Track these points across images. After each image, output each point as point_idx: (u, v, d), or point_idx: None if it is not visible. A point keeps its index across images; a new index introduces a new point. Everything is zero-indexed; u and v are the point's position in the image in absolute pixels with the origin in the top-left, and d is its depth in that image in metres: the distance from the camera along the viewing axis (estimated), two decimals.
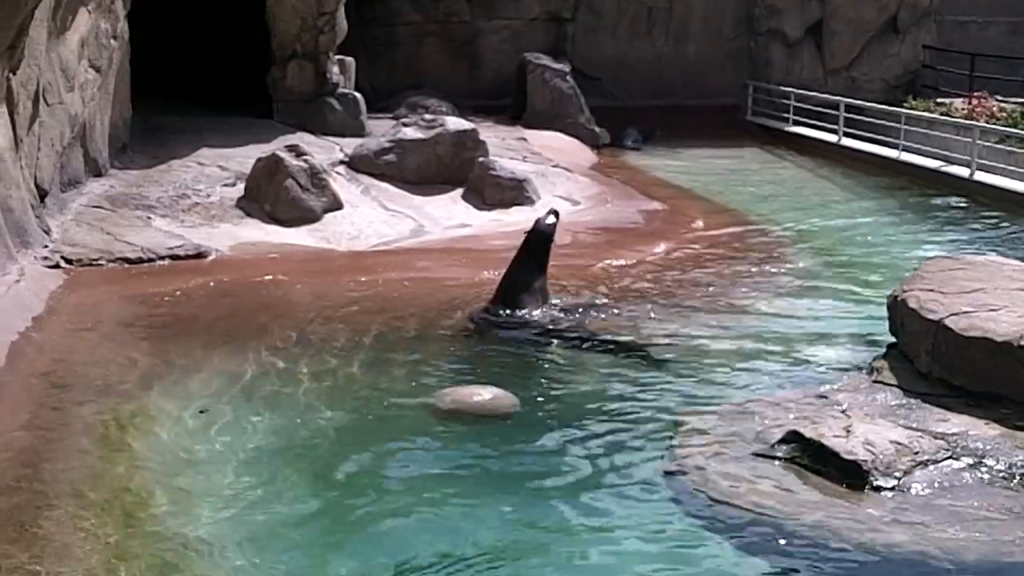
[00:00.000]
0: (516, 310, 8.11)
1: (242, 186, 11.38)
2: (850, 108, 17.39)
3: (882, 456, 5.28)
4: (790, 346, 7.61)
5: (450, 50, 19.32)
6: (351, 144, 13.45)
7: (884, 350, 6.92)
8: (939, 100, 18.03)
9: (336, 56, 15.18)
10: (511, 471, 5.56)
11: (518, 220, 11.52)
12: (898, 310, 6.74)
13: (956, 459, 5.41)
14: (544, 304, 8.28)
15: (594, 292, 8.94)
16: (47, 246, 9.09)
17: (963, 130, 15.21)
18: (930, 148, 15.56)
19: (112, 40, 11.48)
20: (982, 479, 5.28)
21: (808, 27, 20.44)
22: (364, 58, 16.57)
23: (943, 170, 14.97)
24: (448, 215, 12.01)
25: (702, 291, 9.08)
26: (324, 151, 12.97)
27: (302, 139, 13.03)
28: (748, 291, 9.15)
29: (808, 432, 5.53)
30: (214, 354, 7.15)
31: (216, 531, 4.85)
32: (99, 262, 9.21)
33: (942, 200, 13.98)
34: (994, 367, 5.97)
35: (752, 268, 10.05)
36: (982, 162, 14.28)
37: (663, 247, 10.89)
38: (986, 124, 15.30)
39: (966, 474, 5.31)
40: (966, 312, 6.28)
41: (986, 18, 21.88)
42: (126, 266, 9.31)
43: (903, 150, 15.81)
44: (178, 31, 16.04)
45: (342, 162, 12.85)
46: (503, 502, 5.20)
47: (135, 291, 8.59)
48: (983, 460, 5.41)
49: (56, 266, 8.87)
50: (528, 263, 8.38)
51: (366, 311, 8.26)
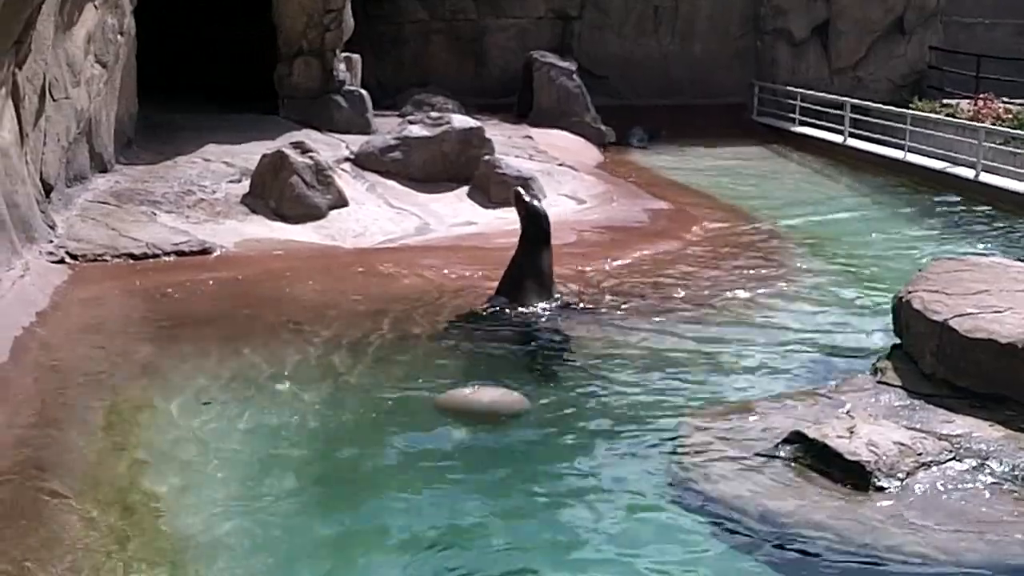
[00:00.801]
0: (522, 298, 8.09)
1: (247, 183, 11.39)
2: (856, 108, 17.37)
3: (886, 457, 5.27)
4: (794, 346, 7.61)
5: (456, 48, 19.33)
6: (357, 141, 13.46)
7: (888, 351, 6.91)
8: (945, 101, 18.02)
9: (342, 53, 15.20)
10: (515, 471, 5.54)
11: None
12: (903, 311, 6.73)
13: (960, 461, 5.40)
14: (548, 293, 8.27)
15: (599, 291, 8.93)
16: (52, 241, 9.11)
17: (968, 131, 15.19)
18: (935, 149, 15.54)
19: (119, 35, 11.49)
20: (986, 481, 5.27)
21: (814, 27, 20.43)
22: (371, 55, 16.61)
23: (948, 171, 14.95)
24: (453, 213, 12.01)
25: (707, 290, 9.07)
26: (330, 148, 12.98)
27: (308, 136, 13.04)
28: (753, 291, 9.14)
29: (811, 433, 5.52)
30: (218, 350, 7.16)
31: (218, 525, 4.86)
32: (104, 258, 9.22)
33: (947, 201, 13.96)
34: (998, 368, 5.96)
35: (757, 268, 10.04)
36: (987, 163, 14.26)
37: (668, 246, 10.89)
38: (991, 125, 15.28)
39: (970, 476, 5.30)
40: (971, 313, 6.27)
41: (992, 19, 21.85)
42: (131, 262, 9.32)
43: (908, 151, 15.79)
44: (180, 30, 16.06)
45: (348, 159, 12.86)
46: (507, 500, 5.20)
47: (140, 287, 8.60)
48: (987, 462, 5.40)
49: (61, 261, 8.88)
50: (527, 247, 8.38)
51: (371, 308, 8.26)
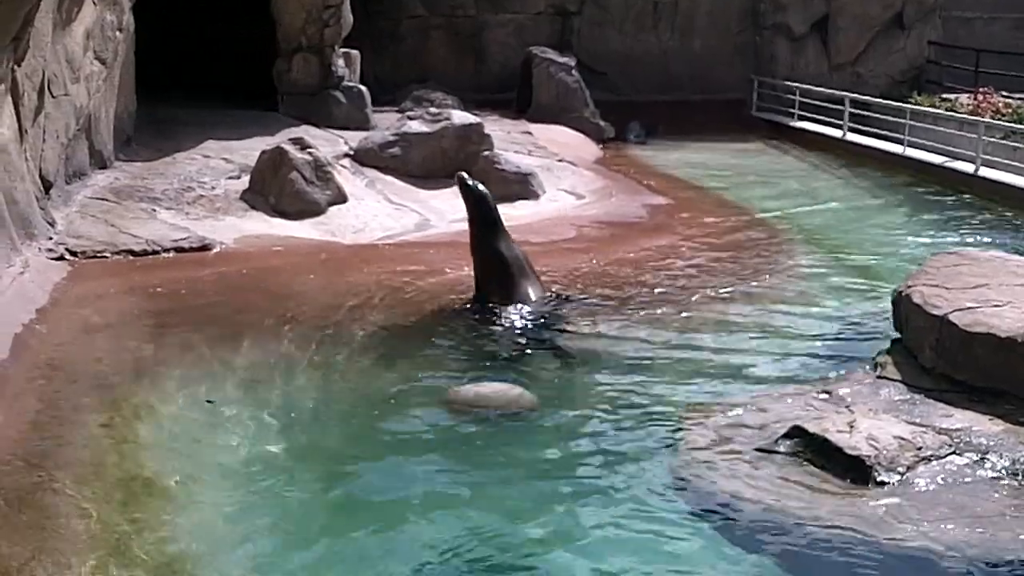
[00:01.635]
0: (507, 287, 8.10)
1: (247, 179, 11.38)
2: (855, 103, 17.36)
3: (885, 451, 5.28)
4: (794, 341, 7.61)
5: (456, 44, 19.32)
6: (356, 137, 13.46)
7: (888, 345, 6.91)
8: (944, 96, 18.01)
9: (341, 49, 15.19)
10: (523, 467, 5.55)
11: (523, 214, 11.55)
12: (902, 305, 6.74)
13: (960, 455, 5.41)
14: (530, 274, 8.29)
15: (598, 286, 8.94)
16: (52, 238, 9.10)
17: (968, 126, 15.19)
18: (935, 144, 15.53)
19: (117, 32, 11.48)
20: (985, 475, 5.27)
21: (813, 22, 20.42)
22: (369, 51, 16.59)
23: (948, 166, 14.95)
24: (453, 209, 11.96)
25: (706, 285, 9.07)
26: (329, 144, 12.97)
27: (307, 132, 13.03)
28: (752, 285, 9.15)
29: (812, 427, 5.53)
30: (219, 346, 7.16)
31: (220, 522, 4.87)
32: (103, 254, 9.22)
33: (946, 196, 13.96)
34: (998, 363, 5.96)
35: (756, 262, 10.05)
36: (987, 158, 14.25)
37: (667, 241, 10.89)
38: (991, 120, 15.27)
39: (969, 470, 5.30)
40: (970, 308, 6.27)
41: (991, 14, 21.83)
42: (131, 258, 9.31)
43: (908, 145, 15.79)
44: (179, 28, 16.05)
45: (347, 155, 12.86)
46: (513, 496, 5.21)
47: (139, 283, 8.60)
48: (986, 456, 5.41)
49: (60, 258, 8.88)
50: (485, 228, 8.44)
51: (371, 305, 8.27)
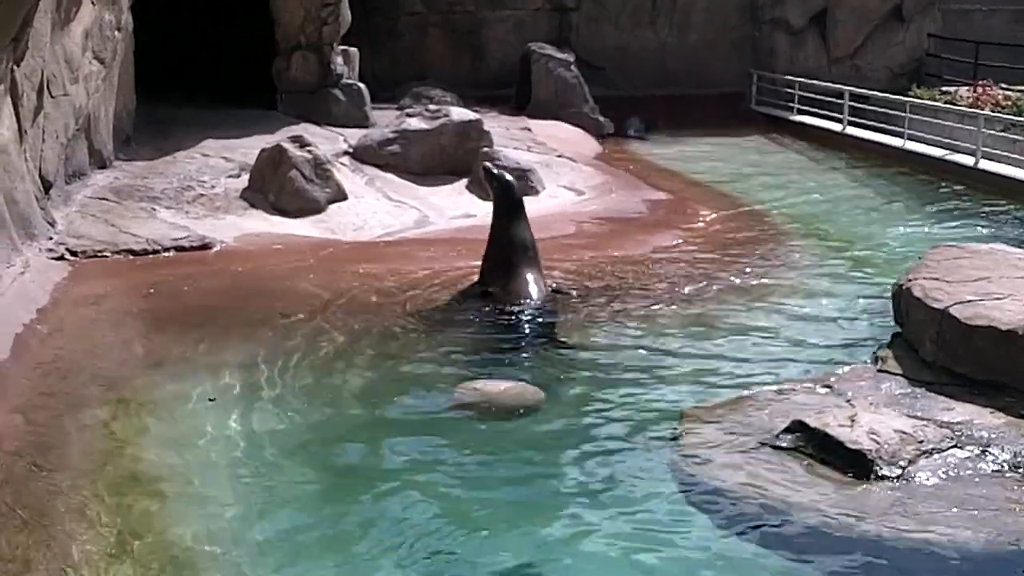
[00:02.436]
0: (513, 278, 8.08)
1: (246, 177, 11.38)
2: (854, 96, 17.34)
3: (887, 445, 5.28)
4: (794, 335, 7.61)
5: (454, 40, 19.30)
6: (355, 135, 13.46)
7: (889, 339, 6.91)
8: (944, 88, 17.99)
9: (340, 47, 15.17)
10: (528, 464, 5.54)
11: None
12: (903, 299, 6.74)
13: (961, 448, 5.41)
14: (537, 266, 8.29)
15: (598, 281, 8.93)
16: (52, 238, 9.10)
17: (968, 118, 15.17)
18: (934, 136, 15.52)
19: (116, 32, 11.47)
20: (987, 468, 5.28)
21: (812, 16, 20.40)
22: (368, 49, 16.56)
23: (947, 158, 14.93)
24: (453, 205, 12.01)
25: (706, 280, 9.07)
26: (328, 142, 12.97)
27: (306, 130, 13.02)
28: (752, 280, 9.14)
29: (813, 422, 5.53)
30: (220, 345, 7.16)
31: (223, 522, 4.87)
32: (104, 254, 9.22)
33: (947, 188, 13.95)
34: (999, 356, 5.96)
35: (756, 257, 10.04)
36: (987, 150, 14.24)
37: (668, 236, 10.89)
38: (991, 112, 15.25)
39: (971, 463, 5.31)
40: (971, 301, 6.27)
41: (991, 7, 21.81)
42: (131, 258, 9.32)
43: (907, 139, 15.77)
44: (180, 29, 16.03)
45: (346, 153, 12.86)
46: (515, 496, 5.21)
47: (140, 283, 8.60)
48: (988, 449, 5.41)
49: (61, 258, 8.88)
50: (505, 217, 8.40)
51: (372, 302, 8.27)
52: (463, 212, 11.82)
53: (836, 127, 17.44)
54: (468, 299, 8.24)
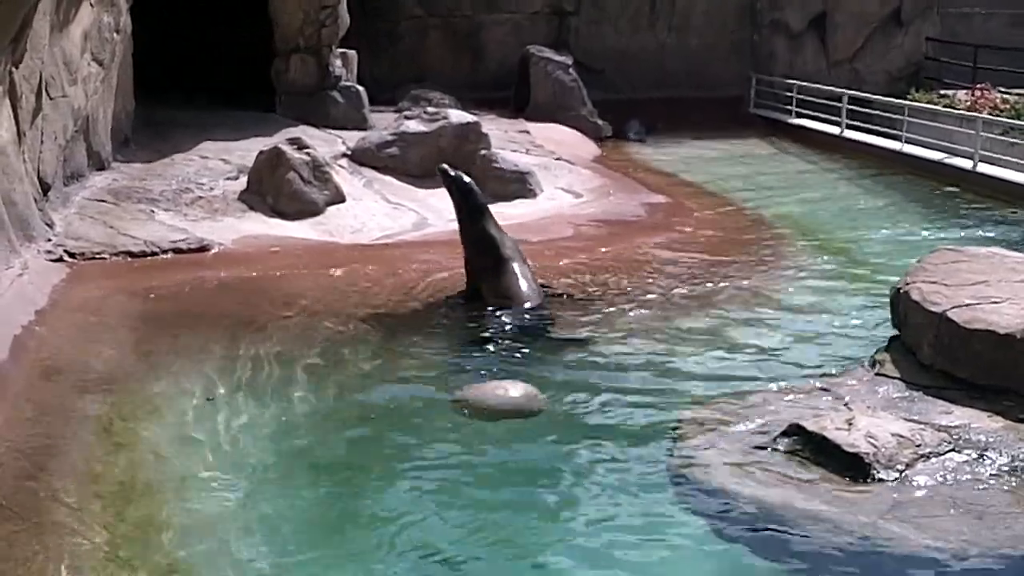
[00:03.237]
0: (501, 282, 8.06)
1: (245, 179, 11.38)
2: (853, 100, 17.36)
3: (884, 449, 5.28)
4: (792, 338, 7.62)
5: (453, 43, 19.31)
6: (354, 137, 13.45)
7: (887, 343, 6.91)
8: (942, 92, 18.01)
9: (339, 49, 15.17)
10: (527, 469, 5.53)
11: (521, 212, 11.55)
12: (901, 302, 6.73)
13: (959, 452, 5.41)
14: (524, 262, 8.27)
15: (596, 284, 8.94)
16: (50, 240, 9.10)
17: (966, 122, 15.18)
18: (933, 140, 15.53)
19: (115, 34, 11.47)
20: (985, 472, 5.27)
21: (811, 19, 20.43)
22: (367, 51, 16.56)
23: (946, 162, 14.95)
24: (451, 208, 11.90)
25: (704, 283, 9.08)
26: (326, 144, 12.97)
27: (304, 132, 13.01)
28: (750, 283, 9.15)
29: (810, 425, 5.53)
30: (218, 347, 7.16)
31: (221, 525, 4.86)
32: (102, 256, 9.22)
33: (945, 192, 13.96)
34: (997, 359, 5.96)
35: (754, 260, 10.05)
36: (985, 154, 14.25)
37: (666, 239, 10.89)
38: (989, 116, 15.27)
39: (969, 467, 5.30)
40: (969, 304, 6.27)
41: (989, 10, 21.85)
42: (129, 260, 9.31)
43: (906, 142, 15.79)
44: (179, 31, 16.03)
45: (344, 155, 12.85)
46: (513, 497, 5.22)
47: (138, 285, 8.59)
48: (986, 453, 5.41)
49: (59, 260, 8.87)
50: (474, 217, 8.41)
51: (371, 304, 8.27)
52: None
53: (835, 130, 17.45)
54: (462, 301, 8.23)
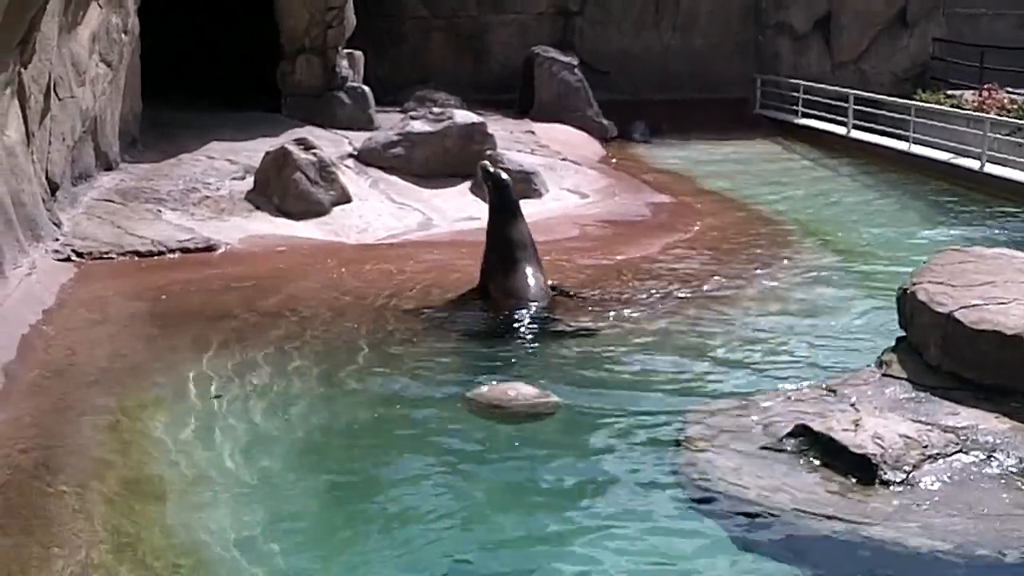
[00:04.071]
0: (515, 278, 8.05)
1: (251, 179, 11.41)
2: (859, 100, 17.34)
3: (891, 450, 5.27)
4: (799, 339, 7.61)
5: (458, 44, 19.33)
6: (359, 137, 13.48)
7: (893, 343, 6.90)
8: (949, 92, 17.98)
9: (344, 50, 15.20)
10: (537, 468, 5.52)
11: (527, 213, 11.41)
12: (907, 303, 6.72)
13: (966, 453, 5.39)
14: (539, 265, 8.27)
15: (602, 284, 8.93)
16: (58, 239, 9.13)
17: (973, 122, 15.17)
18: (940, 140, 15.51)
19: (123, 35, 11.50)
20: (992, 473, 5.26)
21: (816, 20, 20.41)
22: (372, 52, 16.59)
23: (953, 162, 14.93)
24: (456, 208, 12.02)
25: (710, 284, 9.07)
26: (333, 144, 12.99)
27: (311, 133, 13.05)
28: (756, 284, 9.15)
29: (817, 426, 5.52)
30: (225, 346, 7.17)
31: (228, 525, 4.87)
32: (109, 255, 9.25)
33: (952, 192, 13.94)
34: (1004, 360, 5.94)
35: (760, 261, 10.04)
36: (993, 154, 14.23)
37: (671, 240, 10.89)
38: (997, 116, 15.25)
39: (976, 468, 5.29)
40: (976, 305, 6.25)
41: (996, 11, 21.81)
42: (136, 259, 9.35)
43: (913, 142, 15.77)
44: (187, 32, 16.08)
45: (350, 155, 12.88)
46: (514, 502, 5.21)
47: (145, 284, 8.62)
48: (993, 454, 5.39)
49: (67, 259, 8.91)
50: (504, 216, 8.42)
51: (378, 304, 8.27)
52: (467, 214, 11.82)
53: (841, 131, 17.43)
54: (470, 300, 8.24)
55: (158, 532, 4.74)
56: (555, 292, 8.38)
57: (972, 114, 15.60)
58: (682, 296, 8.68)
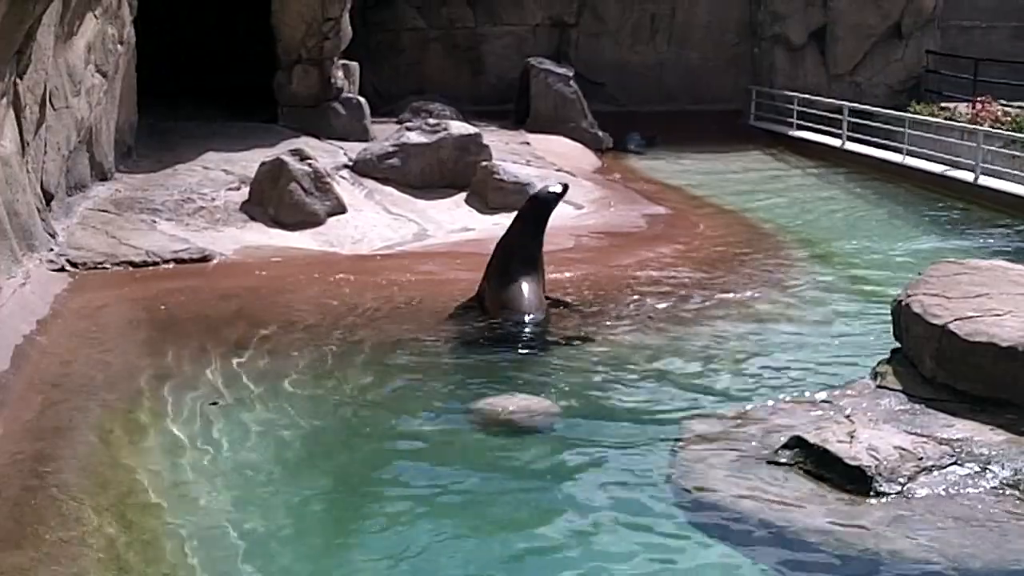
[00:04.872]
0: (510, 292, 8.03)
1: (246, 190, 11.41)
2: (854, 112, 17.39)
3: (886, 462, 5.27)
4: (794, 351, 7.61)
5: (454, 55, 19.37)
6: (355, 148, 13.49)
7: (888, 355, 6.91)
8: (943, 104, 18.03)
9: (341, 61, 15.23)
10: (535, 481, 5.52)
11: None
12: (902, 315, 6.72)
13: (961, 465, 5.39)
14: (541, 282, 8.26)
15: (597, 296, 8.94)
16: (53, 249, 9.12)
17: (967, 134, 15.21)
18: (934, 152, 15.55)
19: (118, 45, 11.51)
20: (987, 485, 5.26)
21: (811, 32, 20.47)
22: (368, 63, 16.63)
23: (947, 174, 14.96)
24: (451, 219, 12.03)
25: (705, 295, 9.08)
26: (328, 155, 13.00)
27: (306, 143, 13.06)
28: (751, 296, 9.15)
29: (812, 438, 5.52)
30: (220, 357, 7.16)
31: (223, 533, 4.85)
32: (104, 265, 9.24)
33: (946, 204, 13.98)
34: (999, 372, 5.95)
35: (755, 273, 10.05)
36: (986, 166, 14.27)
37: (666, 251, 10.90)
38: (990, 128, 15.29)
39: (971, 480, 5.29)
40: (971, 317, 6.26)
41: (990, 23, 21.88)
42: (131, 269, 9.34)
43: (907, 155, 15.81)
44: (183, 41, 16.11)
45: (346, 166, 12.89)
46: (514, 509, 5.21)
47: (139, 294, 8.61)
48: (988, 466, 5.39)
49: (61, 269, 8.90)
50: (526, 229, 8.37)
51: (372, 315, 8.27)
52: (462, 226, 11.84)
53: (836, 143, 17.48)
54: (467, 310, 8.23)
55: (154, 543, 4.72)
56: (551, 304, 8.37)
57: (966, 126, 15.64)
58: (677, 308, 8.68)
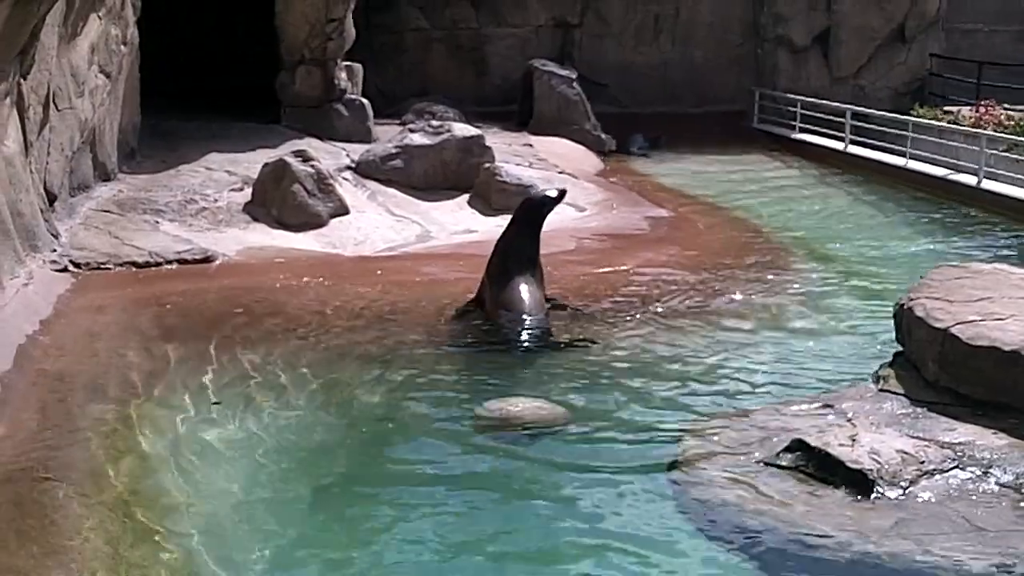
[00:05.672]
0: (510, 294, 8.01)
1: (249, 191, 11.42)
2: (857, 115, 17.38)
3: (888, 465, 5.27)
4: (795, 354, 7.62)
5: (457, 57, 19.38)
6: (358, 150, 13.50)
7: (890, 358, 6.90)
8: (946, 108, 18.02)
9: (344, 62, 15.24)
10: (537, 483, 5.52)
11: None
12: (904, 318, 6.72)
13: (963, 469, 5.39)
14: (540, 285, 8.25)
15: (600, 298, 8.94)
16: (56, 250, 9.13)
17: (970, 138, 15.20)
18: (937, 156, 15.54)
19: (122, 46, 11.53)
20: (989, 489, 5.26)
21: (815, 35, 20.46)
22: (371, 64, 16.65)
23: (950, 178, 14.96)
24: (454, 221, 12.04)
25: (708, 298, 9.08)
26: (331, 156, 13.02)
27: (309, 144, 13.07)
28: (754, 298, 9.15)
29: (813, 441, 5.52)
30: (222, 358, 7.16)
31: (225, 533, 4.86)
32: (107, 266, 9.25)
33: (949, 208, 13.97)
34: (1001, 376, 5.94)
35: (758, 275, 10.05)
36: (989, 170, 14.26)
37: (669, 253, 10.89)
38: (994, 132, 15.28)
39: (973, 484, 5.29)
40: (973, 321, 6.26)
41: (993, 26, 21.86)
42: (134, 270, 9.35)
43: (910, 158, 15.80)
44: (186, 41, 16.13)
45: (349, 167, 12.90)
46: (515, 513, 5.22)
47: (142, 295, 8.61)
48: (990, 470, 5.39)
49: (64, 270, 8.91)
50: (521, 231, 8.37)
51: (375, 317, 8.27)
52: (465, 227, 11.84)
53: (838, 146, 17.47)
54: (468, 312, 8.22)
55: (156, 542, 4.72)
56: (552, 306, 8.37)
57: (969, 130, 15.64)
58: (679, 310, 8.68)
